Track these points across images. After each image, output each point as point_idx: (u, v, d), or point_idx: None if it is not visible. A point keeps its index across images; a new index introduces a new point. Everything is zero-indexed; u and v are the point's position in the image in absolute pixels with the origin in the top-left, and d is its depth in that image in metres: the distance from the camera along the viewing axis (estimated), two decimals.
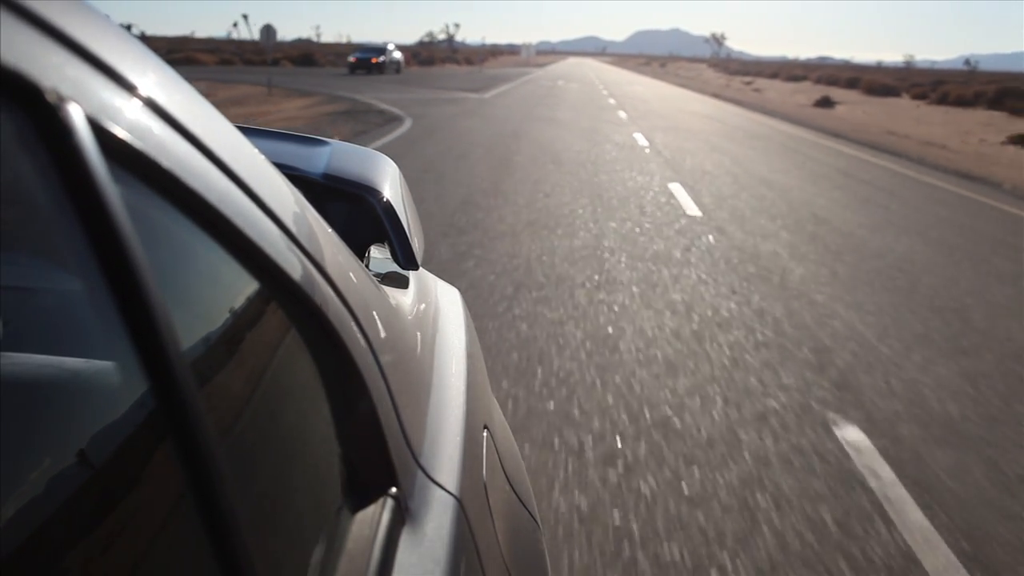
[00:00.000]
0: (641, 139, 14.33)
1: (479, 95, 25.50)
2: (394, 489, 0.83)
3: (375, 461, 0.82)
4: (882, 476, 2.97)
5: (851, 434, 3.29)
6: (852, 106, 30.52)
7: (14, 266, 0.48)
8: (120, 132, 0.46)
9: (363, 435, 0.80)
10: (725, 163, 11.77)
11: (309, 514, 0.73)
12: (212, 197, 0.55)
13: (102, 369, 0.49)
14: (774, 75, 71.23)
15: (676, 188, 8.99)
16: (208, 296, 0.60)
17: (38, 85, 0.40)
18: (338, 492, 0.79)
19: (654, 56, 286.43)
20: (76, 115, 0.42)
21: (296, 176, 1.16)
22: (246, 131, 0.84)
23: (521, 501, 1.31)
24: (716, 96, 34.90)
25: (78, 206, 0.41)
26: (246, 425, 0.62)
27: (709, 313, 4.69)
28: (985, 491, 2.94)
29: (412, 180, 7.43)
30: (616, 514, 2.60)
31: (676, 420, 3.29)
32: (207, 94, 0.70)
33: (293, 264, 0.68)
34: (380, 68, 39.58)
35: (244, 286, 0.64)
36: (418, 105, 18.88)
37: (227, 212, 0.57)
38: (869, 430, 3.34)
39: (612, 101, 25.91)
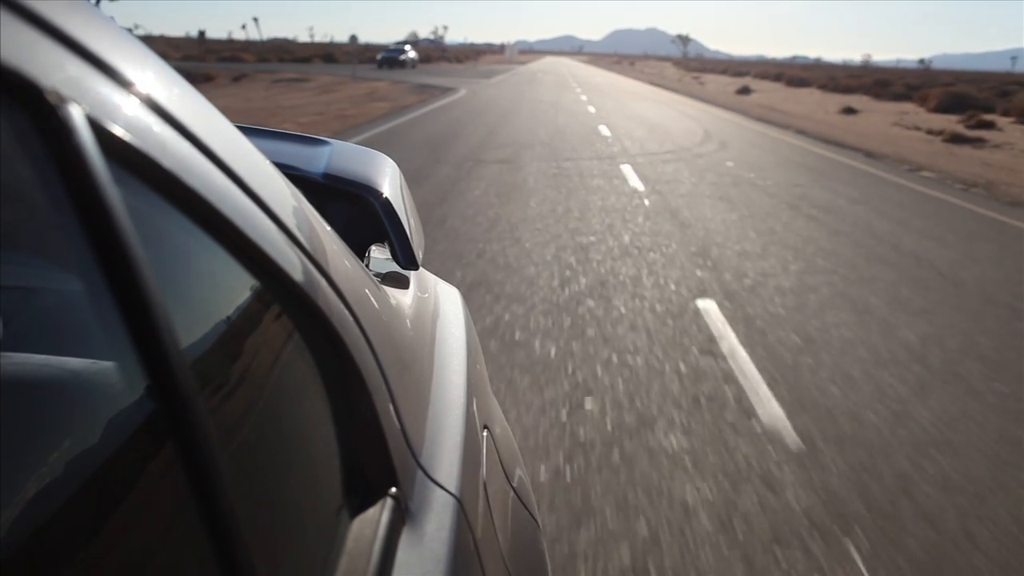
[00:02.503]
0: (583, 97, 27.95)
1: (487, 80, 38.17)
2: (394, 489, 0.83)
3: (375, 461, 0.82)
4: (605, 132, 15.33)
5: (604, 129, 15.86)
6: (764, 93, 38.94)
7: (14, 266, 0.48)
8: (120, 132, 0.46)
9: (363, 435, 0.81)
10: (619, 105, 24.77)
11: (309, 514, 0.74)
12: (212, 197, 0.55)
13: (103, 369, 0.48)
14: (724, 71, 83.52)
15: (591, 108, 22.26)
16: (208, 296, 0.60)
17: (38, 85, 0.40)
18: (338, 492, 0.79)
19: (629, 55, 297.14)
20: (76, 115, 0.42)
21: (296, 176, 1.17)
22: (246, 131, 0.84)
23: (521, 501, 1.32)
24: (654, 84, 46.68)
25: (78, 206, 0.41)
26: (247, 425, 0.62)
27: (582, 120, 18.07)
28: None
29: (480, 108, 20.11)
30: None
31: (554, 121, 16.84)
32: (308, 79, 13.49)
33: (293, 264, 0.68)
34: (402, 64, 51.22)
35: (244, 286, 0.64)
36: (457, 84, 31.19)
37: (227, 212, 0.57)
38: (610, 129, 16.02)
39: (575, 84, 39.63)
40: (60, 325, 0.54)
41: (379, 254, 1.41)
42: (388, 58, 51.11)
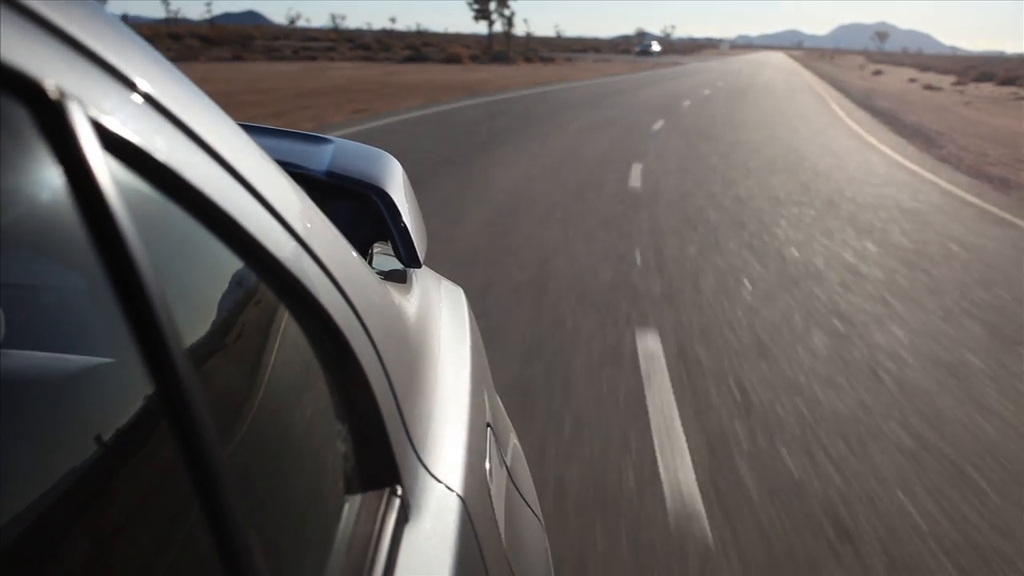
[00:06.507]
0: (747, 68, 57.89)
1: (703, 63, 66.05)
2: (397, 486, 0.83)
3: (378, 458, 0.82)
4: (746, 72, 47.58)
5: (746, 71, 47.07)
6: (888, 76, 54.17)
7: (16, 263, 0.48)
8: (122, 129, 0.46)
9: (366, 432, 0.81)
10: (763, 71, 53.45)
11: (312, 511, 0.74)
12: (214, 194, 0.56)
13: (104, 366, 0.49)
14: (901, 63, 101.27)
15: (744, 69, 54.53)
16: (210, 293, 0.61)
17: (40, 82, 0.40)
18: (341, 489, 0.79)
19: (849, 50, 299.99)
20: (78, 112, 0.42)
21: (299, 174, 1.17)
22: (249, 129, 0.86)
23: (524, 499, 1.33)
24: (809, 69, 65.75)
25: (80, 202, 0.42)
26: (248, 422, 0.63)
27: (737, 71, 51.24)
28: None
29: (703, 68, 56.81)
30: None
31: (726, 69, 52.48)
32: (609, 60, 58.09)
33: (295, 261, 0.68)
34: (650, 54, 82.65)
35: (246, 283, 0.64)
36: (686, 63, 66.11)
37: (229, 209, 0.57)
38: (749, 72, 48.51)
39: (753, 65, 63.97)
40: (62, 322, 0.52)
41: (382, 252, 1.40)
42: (643, 50, 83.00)
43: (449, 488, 0.93)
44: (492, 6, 57.11)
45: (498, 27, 57.64)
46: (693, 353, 3.90)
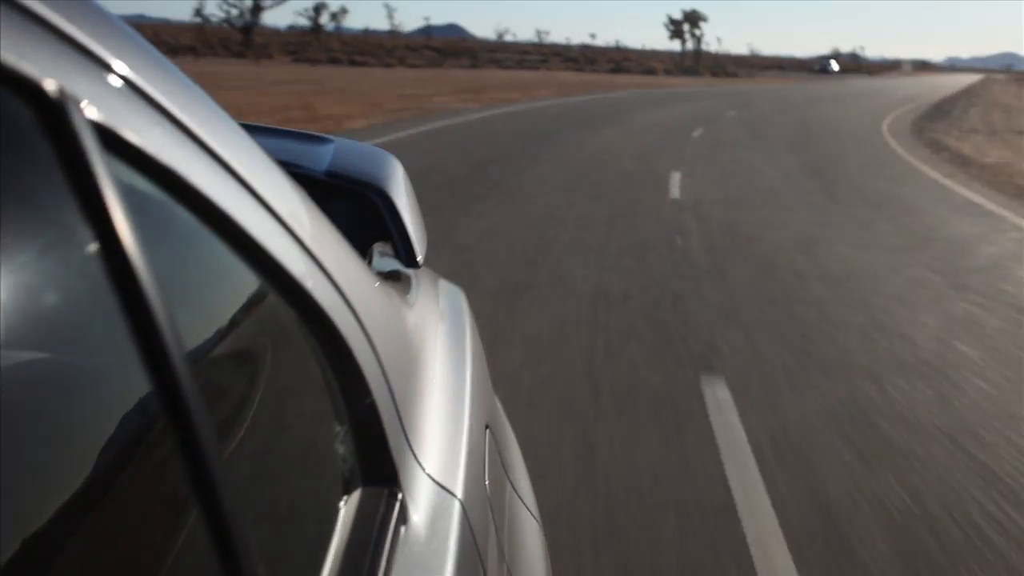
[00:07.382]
0: (901, 85, 63.36)
1: (866, 82, 72.80)
2: (395, 488, 0.83)
3: (376, 460, 0.82)
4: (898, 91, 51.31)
5: (905, 88, 54.55)
6: None
7: (15, 263, 0.47)
8: (121, 128, 0.46)
9: (364, 434, 0.81)
10: (906, 89, 53.95)
11: (310, 513, 0.74)
12: (214, 194, 0.56)
13: (104, 366, 0.49)
14: None
15: (899, 88, 55.96)
16: (209, 293, 0.61)
17: (39, 81, 0.40)
18: (339, 491, 0.79)
19: None
20: (77, 110, 0.42)
21: (299, 174, 1.15)
22: (249, 128, 0.85)
23: (522, 500, 1.33)
24: (966, 86, 68.17)
25: (79, 202, 0.42)
26: (247, 423, 0.63)
27: (891, 90, 53.93)
28: None
29: (857, 83, 70.54)
30: None
31: (892, 86, 61.94)
32: (788, 78, 70.98)
33: (295, 261, 0.68)
34: (829, 72, 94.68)
35: (245, 283, 0.64)
36: (847, 80, 79.98)
37: (229, 209, 0.58)
38: (909, 91, 51.40)
39: (922, 87, 61.38)
40: (62, 322, 0.50)
41: (382, 252, 1.41)
42: (822, 68, 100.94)
43: (447, 490, 0.93)
44: (685, 27, 69.50)
45: (690, 45, 69.88)
46: (709, 133, 16.69)
